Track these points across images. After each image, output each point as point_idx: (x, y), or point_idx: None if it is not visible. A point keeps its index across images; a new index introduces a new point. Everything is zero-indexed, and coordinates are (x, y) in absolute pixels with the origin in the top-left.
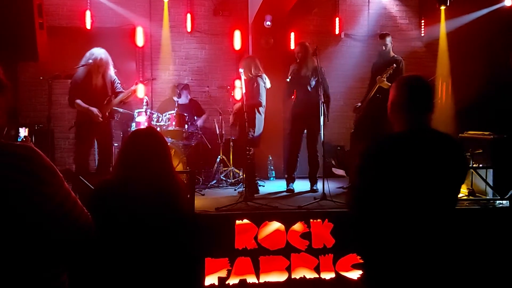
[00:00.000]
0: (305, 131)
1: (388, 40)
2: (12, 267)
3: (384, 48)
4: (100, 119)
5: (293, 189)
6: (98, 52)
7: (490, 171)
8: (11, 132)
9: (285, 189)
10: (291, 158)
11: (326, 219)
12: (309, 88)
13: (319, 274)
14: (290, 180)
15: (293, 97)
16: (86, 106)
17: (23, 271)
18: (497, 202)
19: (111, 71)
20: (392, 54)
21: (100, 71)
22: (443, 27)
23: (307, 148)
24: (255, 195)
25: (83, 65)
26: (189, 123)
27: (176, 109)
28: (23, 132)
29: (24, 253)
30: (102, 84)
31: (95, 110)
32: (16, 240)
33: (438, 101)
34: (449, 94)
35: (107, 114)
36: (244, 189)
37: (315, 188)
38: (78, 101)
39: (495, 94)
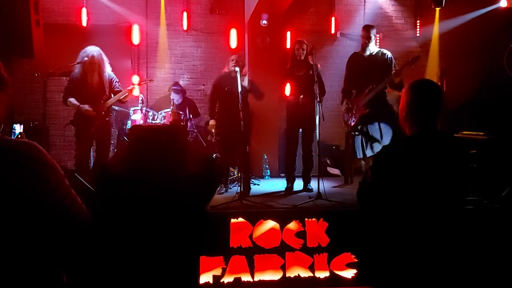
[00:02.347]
0: (300, 130)
1: (374, 32)
2: (10, 264)
3: (368, 41)
4: (93, 112)
5: (291, 188)
6: (91, 50)
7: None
8: (5, 129)
9: (284, 188)
10: (289, 157)
11: (321, 218)
12: (311, 87)
13: (313, 273)
14: (290, 180)
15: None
16: (77, 104)
17: (21, 268)
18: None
19: (108, 69)
20: (379, 48)
21: (95, 69)
22: (436, 28)
23: (302, 147)
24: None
25: (77, 63)
26: (185, 121)
27: (171, 107)
28: (18, 128)
29: (22, 250)
30: (98, 82)
31: (85, 106)
32: (14, 236)
33: None
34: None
35: (103, 113)
36: (238, 187)
37: (309, 187)
38: (71, 99)
39: (490, 95)
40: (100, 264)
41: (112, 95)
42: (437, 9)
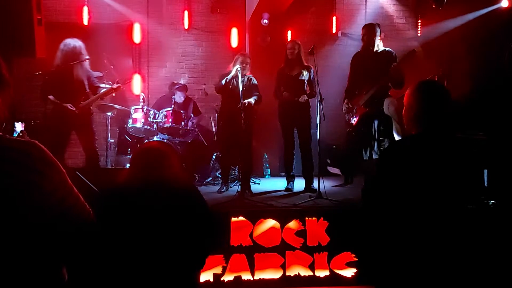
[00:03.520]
0: (295, 130)
1: (377, 31)
2: (12, 262)
3: (370, 40)
4: (76, 111)
5: (292, 188)
6: (74, 43)
7: (485, 171)
8: (6, 127)
9: (284, 188)
10: (286, 158)
11: (321, 217)
12: (303, 87)
13: (313, 272)
14: (289, 179)
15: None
16: (59, 102)
17: (22, 266)
18: (491, 201)
19: (87, 64)
20: (384, 47)
21: (80, 59)
22: (437, 28)
23: (299, 147)
24: (246, 191)
25: (77, 62)
26: (186, 120)
27: (172, 106)
28: (19, 127)
29: (24, 248)
30: (81, 74)
31: (68, 105)
32: (16, 234)
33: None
34: None
35: (76, 112)
36: (239, 186)
37: (313, 187)
38: (51, 97)
39: (490, 95)
40: (102, 264)
41: (91, 93)
42: (439, 9)
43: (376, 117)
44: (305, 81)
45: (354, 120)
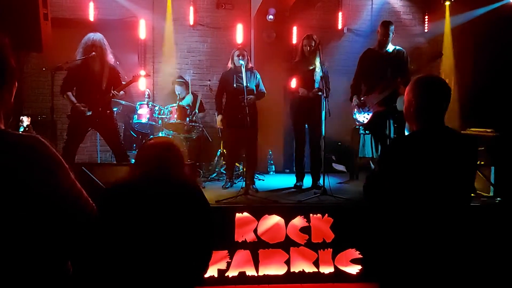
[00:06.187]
0: (306, 125)
1: (392, 29)
2: (16, 257)
3: (385, 38)
4: (88, 113)
5: (301, 186)
6: (92, 36)
7: (492, 169)
8: (12, 122)
9: (293, 185)
10: (298, 155)
11: (326, 214)
12: (315, 83)
13: (318, 268)
14: (300, 177)
15: (294, 86)
16: (74, 100)
17: (25, 260)
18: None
19: (110, 58)
20: (393, 45)
21: (97, 57)
22: (447, 23)
23: (309, 144)
24: (251, 188)
25: (85, 57)
26: (191, 116)
27: (178, 102)
28: (26, 121)
29: (27, 242)
30: (98, 69)
31: (80, 106)
32: (19, 229)
33: None
34: (452, 90)
35: (100, 109)
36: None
37: (319, 184)
38: (69, 93)
39: (499, 91)
40: (104, 259)
41: (112, 87)
42: (447, 4)
43: (390, 115)
44: (320, 76)
45: (363, 116)
